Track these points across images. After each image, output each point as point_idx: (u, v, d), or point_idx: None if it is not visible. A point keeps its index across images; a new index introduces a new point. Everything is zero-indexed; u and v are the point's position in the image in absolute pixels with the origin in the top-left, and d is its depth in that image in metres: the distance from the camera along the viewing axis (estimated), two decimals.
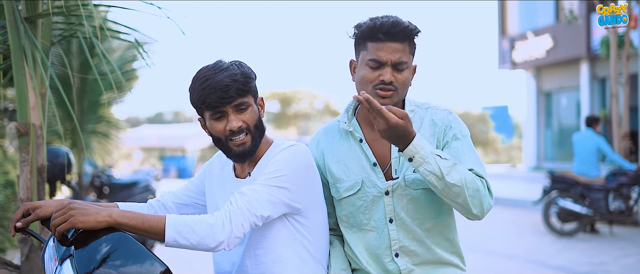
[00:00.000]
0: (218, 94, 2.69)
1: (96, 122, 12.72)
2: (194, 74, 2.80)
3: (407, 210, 2.87)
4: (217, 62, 2.78)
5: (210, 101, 2.71)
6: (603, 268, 9.40)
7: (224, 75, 2.71)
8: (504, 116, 50.61)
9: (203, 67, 2.79)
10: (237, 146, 2.77)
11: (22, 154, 4.01)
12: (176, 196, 3.08)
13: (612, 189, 12.06)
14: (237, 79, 2.72)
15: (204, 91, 2.71)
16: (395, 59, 2.78)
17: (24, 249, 4.07)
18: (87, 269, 2.38)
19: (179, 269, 3.20)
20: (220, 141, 2.79)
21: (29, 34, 3.90)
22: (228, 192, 2.86)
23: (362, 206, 2.91)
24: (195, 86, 2.75)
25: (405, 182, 2.85)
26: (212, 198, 2.97)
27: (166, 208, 3.05)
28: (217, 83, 2.69)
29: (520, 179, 24.81)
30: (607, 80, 22.73)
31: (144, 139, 47.16)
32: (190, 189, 3.08)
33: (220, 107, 2.72)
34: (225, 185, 2.92)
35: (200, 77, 2.75)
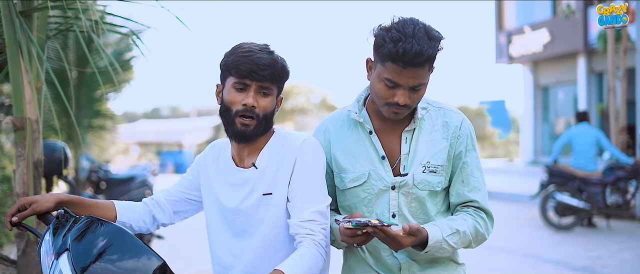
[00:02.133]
0: (253, 66, 2.70)
1: (93, 117, 12.71)
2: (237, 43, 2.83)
3: (410, 207, 2.86)
4: (266, 46, 2.81)
5: (243, 69, 2.70)
6: (600, 262, 9.41)
7: (267, 55, 2.74)
8: (501, 111, 50.62)
9: (253, 43, 2.81)
10: (242, 124, 2.74)
11: (18, 149, 4.00)
12: (170, 194, 3.05)
13: (610, 183, 12.07)
14: (277, 66, 2.75)
15: (243, 58, 2.71)
16: (414, 83, 2.70)
17: (20, 244, 4.06)
18: (84, 263, 2.36)
19: (175, 264, 3.19)
20: (229, 112, 2.77)
21: (24, 28, 3.88)
22: (231, 183, 2.85)
23: (366, 199, 2.89)
24: (236, 51, 2.76)
25: (413, 181, 2.83)
26: (210, 191, 2.93)
27: (160, 207, 3.02)
28: (258, 58, 2.71)
29: (518, 174, 24.84)
30: (604, 74, 22.75)
31: (141, 134, 47.14)
32: (183, 186, 3.05)
33: (248, 78, 2.72)
34: (225, 176, 2.88)
35: (245, 47, 2.77)
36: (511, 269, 9.08)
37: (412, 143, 2.85)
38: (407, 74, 2.67)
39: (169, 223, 3.06)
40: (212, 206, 2.91)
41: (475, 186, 2.87)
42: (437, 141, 2.84)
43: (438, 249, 2.73)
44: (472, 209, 2.87)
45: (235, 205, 2.82)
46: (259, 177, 2.80)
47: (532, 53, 26.45)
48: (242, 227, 2.82)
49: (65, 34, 8.64)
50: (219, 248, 2.90)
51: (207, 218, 2.95)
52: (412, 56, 2.62)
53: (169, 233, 7.90)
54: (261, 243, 2.79)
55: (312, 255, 2.66)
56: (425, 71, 2.69)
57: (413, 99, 2.74)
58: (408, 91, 2.72)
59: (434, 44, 2.66)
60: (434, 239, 2.70)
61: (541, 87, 28.49)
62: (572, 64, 25.66)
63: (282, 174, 2.78)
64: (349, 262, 3.01)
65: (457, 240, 2.77)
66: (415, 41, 2.62)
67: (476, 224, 2.83)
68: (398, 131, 2.87)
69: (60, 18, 4.42)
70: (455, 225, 2.78)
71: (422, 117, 2.87)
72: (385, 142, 2.89)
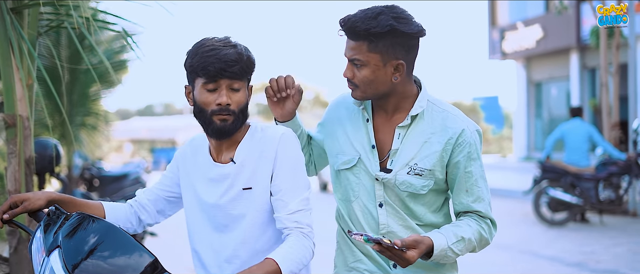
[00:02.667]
0: (221, 65, 2.66)
1: (85, 114, 12.67)
2: (198, 41, 2.78)
3: (396, 203, 2.86)
4: (226, 38, 2.76)
5: (212, 69, 2.66)
6: (594, 257, 9.43)
7: (232, 50, 2.69)
8: (494, 107, 50.70)
9: (210, 37, 2.77)
10: (220, 120, 2.72)
11: (9, 146, 3.99)
12: (152, 193, 3.02)
13: (602, 178, 12.10)
14: (243, 59, 2.71)
15: (208, 58, 2.67)
16: (349, 55, 2.77)
17: (12, 241, 4.05)
18: (75, 260, 2.36)
19: (168, 260, 3.18)
20: (204, 113, 2.74)
21: (15, 25, 3.87)
22: (209, 178, 2.83)
23: (354, 183, 2.90)
24: (199, 51, 2.71)
25: (395, 181, 2.83)
26: (189, 186, 2.91)
27: (144, 207, 3.00)
28: (224, 55, 2.67)
29: (511, 170, 24.89)
30: (597, 70, 22.79)
31: (134, 131, 47.13)
32: (164, 184, 3.02)
33: (217, 78, 2.68)
34: (203, 171, 2.86)
35: (207, 44, 2.71)
36: (505, 265, 9.10)
37: (403, 140, 2.84)
38: (347, 45, 2.78)
39: (154, 222, 3.04)
40: (192, 201, 2.89)
41: (480, 196, 2.85)
42: (431, 143, 2.82)
43: (443, 257, 2.74)
44: (477, 215, 2.87)
45: (214, 200, 2.81)
46: (237, 172, 2.78)
47: (525, 49, 26.49)
48: (222, 222, 2.81)
49: (57, 31, 8.62)
50: (199, 243, 2.88)
51: (186, 213, 2.93)
52: (343, 22, 2.75)
53: (161, 230, 7.90)
54: (241, 238, 2.78)
55: (302, 246, 2.67)
56: (360, 46, 2.74)
57: (357, 77, 2.78)
58: (351, 65, 2.78)
59: (370, 23, 2.70)
60: (439, 248, 2.70)
61: (534, 83, 28.54)
62: (565, 59, 25.71)
63: (261, 169, 2.76)
64: (342, 249, 3.02)
65: (462, 247, 2.77)
66: (358, 13, 2.74)
67: (480, 230, 2.84)
68: (394, 125, 2.86)
69: (52, 15, 4.41)
70: (460, 232, 2.78)
71: (418, 115, 2.85)
72: (380, 133, 2.89)
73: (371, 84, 2.78)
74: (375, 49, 2.72)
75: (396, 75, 2.78)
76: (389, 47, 2.73)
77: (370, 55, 2.73)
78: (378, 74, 2.76)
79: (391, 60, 2.75)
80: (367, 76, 2.76)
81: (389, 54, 2.74)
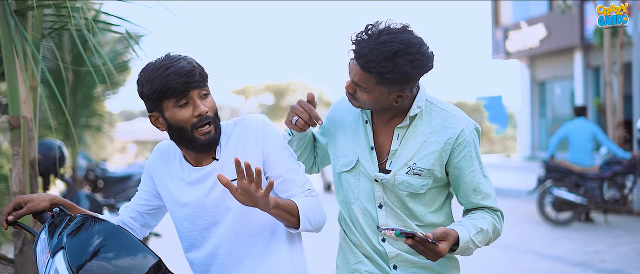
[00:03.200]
0: (184, 78, 2.64)
1: (89, 115, 12.67)
2: (143, 68, 2.74)
3: (395, 204, 2.87)
4: (167, 55, 2.72)
5: (177, 86, 2.63)
6: (598, 257, 9.42)
7: (184, 62, 2.67)
8: (498, 106, 50.58)
9: (154, 61, 2.72)
10: (204, 135, 2.71)
11: (14, 148, 4.00)
12: (132, 210, 3.01)
13: (607, 177, 12.07)
14: (196, 65, 2.70)
15: (168, 77, 2.63)
16: (355, 79, 2.73)
17: (17, 242, 4.06)
18: (80, 261, 2.37)
19: (172, 261, 3.19)
20: (184, 131, 2.71)
21: (19, 27, 3.88)
22: (189, 182, 2.82)
23: (354, 185, 2.92)
24: (154, 75, 2.66)
25: (394, 181, 2.84)
26: (168, 195, 2.89)
27: (128, 225, 2.99)
28: (181, 68, 2.65)
29: (515, 169, 24.84)
30: (601, 69, 22.74)
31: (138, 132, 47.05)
32: (141, 198, 3.01)
33: (186, 91, 2.66)
34: (180, 177, 2.85)
35: (158, 66, 2.67)
36: (508, 265, 9.09)
37: (402, 141, 2.84)
38: (356, 70, 2.72)
39: (142, 236, 3.04)
40: (175, 207, 2.88)
41: (487, 193, 2.88)
42: (429, 143, 2.82)
43: (465, 249, 2.76)
44: (488, 209, 2.90)
45: (199, 200, 2.81)
46: (221, 167, 2.78)
47: (528, 48, 26.44)
48: (210, 221, 2.81)
49: (60, 33, 8.63)
50: (189, 247, 2.90)
51: (173, 220, 2.93)
52: (357, 54, 2.68)
53: (165, 231, 7.89)
54: (232, 231, 2.79)
55: (316, 203, 2.79)
56: (368, 78, 2.69)
57: (358, 96, 2.77)
58: (354, 85, 2.76)
59: (385, 66, 2.63)
60: (463, 240, 2.73)
61: (538, 82, 28.49)
62: (569, 59, 25.66)
63: (249, 159, 2.73)
64: (344, 251, 3.03)
65: (481, 239, 2.80)
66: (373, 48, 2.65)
67: (494, 222, 2.88)
68: (393, 126, 2.87)
69: (55, 16, 4.42)
70: (479, 224, 2.81)
71: (416, 115, 2.85)
72: (379, 135, 2.90)
73: (371, 105, 2.81)
74: (384, 84, 2.70)
75: (398, 99, 2.78)
76: (398, 85, 2.71)
77: (377, 87, 2.71)
78: (381, 100, 2.76)
79: (396, 91, 2.74)
80: (368, 99, 2.77)
81: (396, 88, 2.73)
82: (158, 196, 2.97)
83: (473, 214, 2.89)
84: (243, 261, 2.80)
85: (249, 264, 2.80)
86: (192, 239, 2.87)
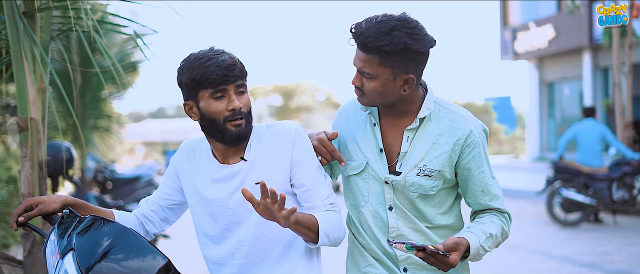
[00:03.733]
0: (223, 71, 2.67)
1: (98, 117, 12.71)
2: (186, 57, 2.78)
3: (405, 205, 2.87)
4: (212, 47, 2.77)
5: (215, 78, 2.67)
6: (607, 258, 9.39)
7: (226, 56, 2.72)
8: (507, 107, 50.58)
9: (198, 51, 2.77)
10: (235, 126, 2.73)
11: (23, 149, 4.01)
12: (153, 203, 3.04)
13: (616, 178, 12.04)
14: (238, 62, 2.74)
15: (208, 68, 2.67)
16: (358, 67, 2.76)
17: (26, 244, 4.07)
18: (89, 263, 2.37)
19: (181, 263, 3.19)
20: (216, 123, 2.74)
21: (27, 29, 3.89)
22: (215, 179, 2.84)
23: (363, 188, 2.92)
24: (194, 65, 2.71)
25: (405, 183, 2.84)
26: (193, 191, 2.91)
27: (148, 218, 3.02)
28: (222, 62, 2.69)
29: (524, 170, 24.80)
30: (609, 69, 22.69)
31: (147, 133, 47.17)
32: (164, 192, 3.03)
33: (223, 84, 2.69)
34: (207, 173, 2.87)
35: (201, 57, 2.72)
36: (517, 265, 9.07)
37: (412, 142, 2.84)
38: (357, 55, 2.75)
39: (160, 231, 3.07)
40: (199, 204, 2.90)
41: (495, 194, 2.89)
42: (439, 144, 2.83)
43: (476, 255, 2.76)
44: (496, 211, 2.91)
45: (223, 200, 2.82)
46: (249, 168, 2.80)
47: (537, 49, 26.39)
48: (232, 220, 2.83)
49: (68, 35, 8.65)
50: (209, 244, 2.90)
51: (194, 217, 2.94)
52: (355, 34, 2.73)
53: (175, 233, 7.92)
54: (252, 233, 2.80)
55: (337, 219, 2.81)
56: (370, 60, 2.72)
57: (366, 87, 2.77)
58: (360, 75, 2.77)
59: (383, 39, 2.67)
60: (474, 247, 2.73)
61: (546, 83, 28.43)
62: (578, 59, 25.60)
63: (277, 165, 2.79)
64: (354, 254, 3.03)
65: (490, 244, 2.81)
66: (371, 26, 2.70)
67: (502, 224, 2.88)
68: (402, 128, 2.87)
69: (63, 18, 4.43)
70: (488, 229, 2.81)
71: (425, 117, 2.85)
72: (388, 137, 2.90)
73: (379, 95, 2.79)
74: (386, 64, 2.71)
75: (405, 87, 2.78)
76: (400, 63, 2.72)
77: (381, 69, 2.72)
78: (387, 87, 2.76)
79: (401, 74, 2.74)
80: (375, 87, 2.76)
81: (400, 69, 2.73)
82: (181, 191, 3.00)
83: (481, 218, 2.89)
84: (260, 263, 2.82)
85: (266, 267, 2.81)
86: (212, 237, 2.88)
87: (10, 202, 8.66)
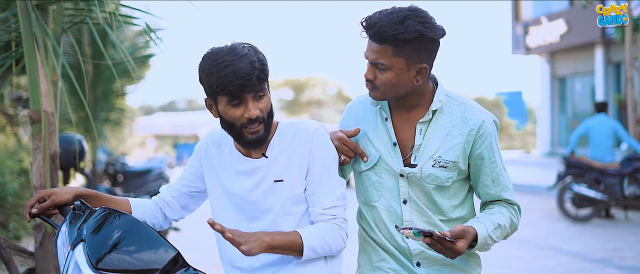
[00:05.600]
0: (240, 81, 2.61)
1: (109, 110, 12.75)
2: (206, 54, 2.72)
3: (420, 198, 2.88)
4: (233, 47, 2.68)
5: (232, 88, 2.62)
6: (618, 254, 9.36)
7: (244, 62, 2.63)
8: (518, 102, 50.42)
9: (218, 50, 2.69)
10: (252, 134, 2.72)
11: (34, 142, 4.02)
12: (174, 189, 3.05)
13: (627, 174, 11.99)
14: (257, 66, 2.65)
15: (225, 77, 2.62)
16: (372, 59, 2.75)
17: (37, 236, 4.09)
18: (99, 254, 2.38)
19: (191, 255, 3.20)
20: (233, 127, 2.73)
21: (40, 21, 3.91)
22: (239, 171, 2.85)
23: (377, 182, 2.92)
24: (213, 70, 2.65)
25: (421, 174, 2.84)
26: (216, 180, 2.92)
27: (168, 204, 3.03)
28: (239, 70, 2.61)
29: (535, 165, 24.75)
30: (622, 64, 22.60)
31: (158, 126, 47.32)
32: (186, 179, 3.04)
33: (240, 94, 2.66)
34: (232, 164, 2.88)
35: (219, 61, 2.65)
36: (528, 261, 9.06)
37: (425, 135, 2.85)
38: (369, 47, 2.76)
39: (179, 217, 3.08)
40: (220, 194, 2.91)
41: (506, 185, 2.90)
42: (452, 136, 2.84)
43: (484, 245, 2.77)
44: (505, 203, 2.92)
45: (245, 193, 2.83)
46: (269, 165, 2.80)
47: (549, 44, 26.31)
48: (251, 214, 2.83)
49: (80, 28, 8.67)
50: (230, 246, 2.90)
51: (213, 206, 2.95)
52: (366, 26, 2.73)
53: (185, 225, 7.93)
54: (269, 227, 2.80)
55: (330, 231, 2.75)
56: (384, 50, 2.72)
57: (379, 79, 2.77)
58: (372, 67, 2.77)
59: (397, 28, 2.67)
60: (482, 236, 2.74)
61: (558, 78, 28.35)
62: (590, 54, 25.51)
63: (295, 164, 2.79)
64: (366, 250, 3.03)
65: (498, 234, 2.82)
66: (383, 17, 2.71)
67: (511, 216, 2.90)
68: (414, 121, 2.87)
69: (74, 10, 4.44)
70: (496, 219, 2.83)
71: (438, 109, 2.86)
72: (400, 131, 2.90)
73: (393, 87, 2.78)
74: (400, 54, 2.71)
75: (418, 78, 2.79)
76: (414, 51, 2.72)
77: (395, 59, 2.73)
78: (401, 78, 2.76)
79: (415, 64, 2.75)
80: (389, 79, 2.76)
81: (414, 59, 2.74)
82: (203, 179, 3.00)
83: (491, 208, 2.90)
84: (277, 259, 2.82)
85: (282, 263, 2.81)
86: (229, 226, 2.87)
87: (21, 194, 8.69)
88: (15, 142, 12.46)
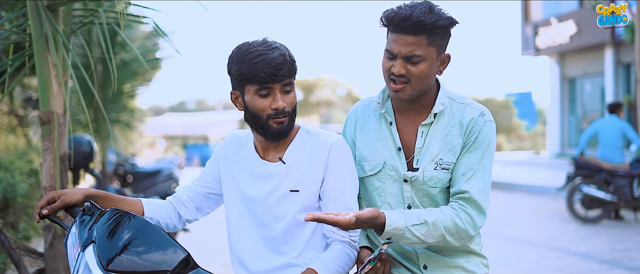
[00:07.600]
0: (271, 70, 2.66)
1: (119, 111, 12.77)
2: (239, 45, 2.77)
3: (424, 203, 2.86)
4: (265, 40, 2.75)
5: (263, 76, 2.67)
6: (627, 255, 9.33)
7: (277, 53, 2.70)
8: (528, 103, 50.27)
9: (250, 42, 2.76)
10: (277, 124, 2.74)
11: (45, 142, 4.03)
12: (191, 190, 3.06)
13: (637, 175, 11.94)
14: (288, 59, 2.72)
15: (257, 64, 2.67)
16: (406, 52, 2.72)
17: (47, 237, 4.10)
18: (110, 255, 2.39)
19: (201, 256, 3.20)
20: (258, 118, 2.75)
21: (51, 22, 3.92)
22: (254, 175, 2.85)
23: (380, 188, 2.91)
24: (245, 58, 2.70)
25: (423, 177, 2.83)
26: (232, 182, 2.94)
27: (183, 204, 3.04)
28: (272, 60, 2.67)
29: (544, 166, 24.68)
30: (631, 65, 22.53)
31: (167, 127, 47.44)
32: (204, 180, 3.05)
33: (269, 83, 2.69)
34: (248, 167, 2.89)
35: (251, 50, 2.70)
36: (537, 262, 9.03)
37: (427, 138, 2.84)
38: (401, 41, 2.72)
39: (193, 219, 3.08)
40: (235, 196, 2.92)
41: (473, 177, 2.79)
42: (452, 137, 2.83)
43: (400, 237, 2.67)
44: (459, 203, 2.78)
45: (260, 197, 2.84)
46: (286, 173, 2.81)
47: (558, 44, 26.24)
48: (263, 220, 2.84)
49: (89, 29, 8.70)
50: (239, 237, 2.91)
51: (228, 209, 2.96)
52: (400, 19, 2.69)
53: (195, 227, 7.94)
54: (281, 234, 2.82)
55: (344, 255, 2.75)
56: (419, 41, 2.71)
57: (411, 73, 2.74)
58: (404, 61, 2.74)
59: (432, 16, 2.68)
60: (393, 225, 2.64)
61: (568, 78, 28.27)
62: (599, 55, 25.43)
63: (311, 175, 2.80)
64: None
65: (425, 231, 2.69)
66: (411, 8, 2.70)
67: (456, 219, 2.74)
68: (416, 124, 2.87)
69: (83, 11, 4.45)
70: (425, 216, 2.71)
71: (440, 111, 2.86)
72: (404, 135, 2.89)
73: (425, 79, 2.78)
74: (433, 43, 2.73)
75: (441, 68, 2.82)
76: (442, 40, 2.76)
77: (429, 49, 2.73)
78: (432, 69, 2.78)
79: (441, 54, 2.78)
80: (424, 70, 2.75)
81: (441, 48, 2.77)
82: (220, 181, 3.02)
83: (439, 207, 2.81)
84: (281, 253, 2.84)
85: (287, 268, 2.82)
86: (241, 230, 2.90)
87: (31, 195, 8.72)
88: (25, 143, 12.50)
